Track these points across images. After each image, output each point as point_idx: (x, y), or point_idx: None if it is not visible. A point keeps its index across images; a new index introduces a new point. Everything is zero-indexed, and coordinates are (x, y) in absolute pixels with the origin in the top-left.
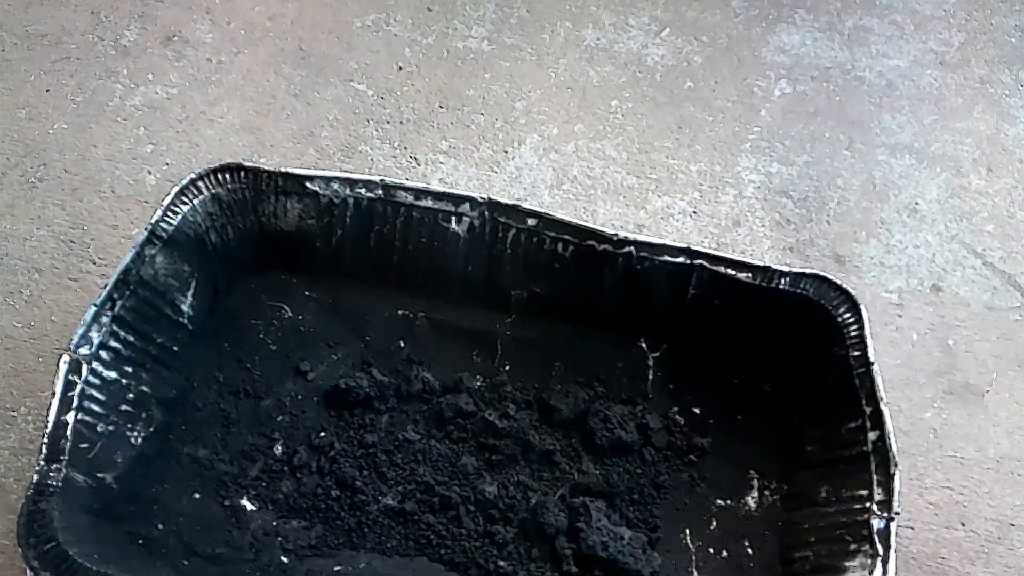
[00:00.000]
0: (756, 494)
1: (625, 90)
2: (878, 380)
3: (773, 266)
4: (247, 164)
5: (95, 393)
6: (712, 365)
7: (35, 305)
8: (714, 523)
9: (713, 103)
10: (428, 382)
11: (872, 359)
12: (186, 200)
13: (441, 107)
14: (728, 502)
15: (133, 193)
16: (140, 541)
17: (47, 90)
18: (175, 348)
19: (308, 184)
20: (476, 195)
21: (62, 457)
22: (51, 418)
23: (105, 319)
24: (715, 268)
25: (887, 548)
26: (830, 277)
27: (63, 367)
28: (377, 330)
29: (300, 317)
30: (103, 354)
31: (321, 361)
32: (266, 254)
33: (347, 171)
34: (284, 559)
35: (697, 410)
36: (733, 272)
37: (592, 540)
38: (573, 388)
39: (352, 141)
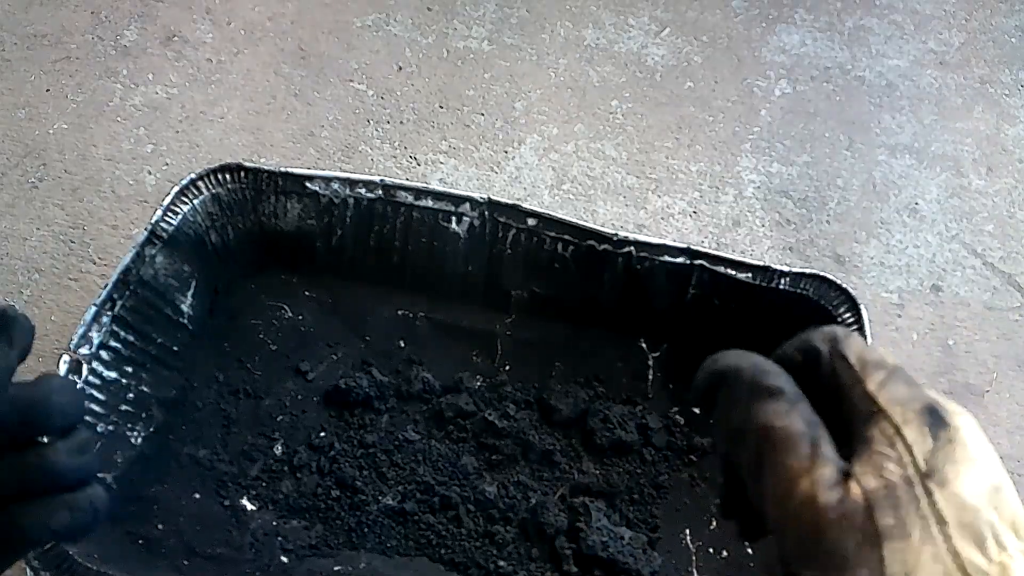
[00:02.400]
0: None
1: (625, 90)
2: None
3: (773, 266)
4: (247, 164)
5: (95, 393)
6: None
7: (35, 305)
8: (714, 523)
9: (713, 103)
10: (428, 382)
11: None
12: (186, 200)
13: (441, 107)
14: None
15: (133, 193)
16: (140, 541)
17: (47, 90)
18: (175, 348)
19: (308, 184)
20: (476, 195)
21: None
22: None
23: (105, 319)
24: (715, 268)
25: None
26: (830, 277)
27: (63, 367)
28: (377, 330)
29: (300, 317)
30: (103, 354)
31: (321, 361)
32: (266, 254)
33: (347, 171)
34: (284, 559)
35: (697, 410)
36: (733, 272)
37: (592, 540)
38: (573, 388)
39: (352, 141)
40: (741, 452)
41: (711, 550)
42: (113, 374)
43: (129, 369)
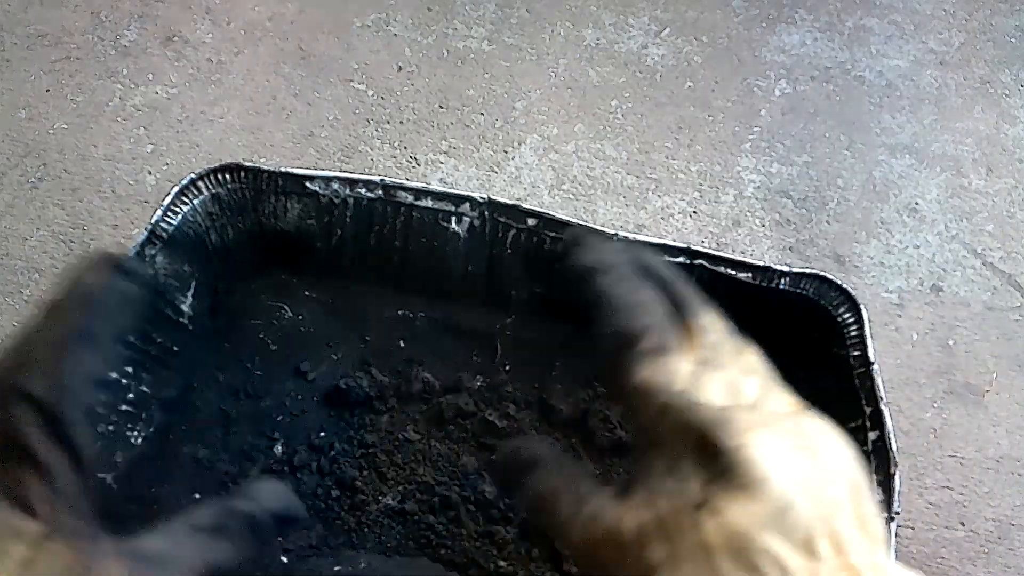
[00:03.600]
0: None
1: (625, 90)
2: (878, 380)
3: (773, 266)
4: (247, 164)
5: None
6: None
7: (35, 305)
8: None
9: (713, 103)
10: (428, 382)
11: (872, 359)
12: (186, 200)
13: (441, 107)
14: None
15: (133, 193)
16: None
17: (47, 90)
18: (175, 348)
19: (308, 184)
20: (476, 195)
21: None
22: None
23: None
24: (715, 268)
25: (887, 548)
26: (830, 277)
27: None
28: (377, 330)
29: (300, 317)
30: None
31: (321, 361)
32: (266, 254)
33: (347, 171)
34: (284, 559)
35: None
36: (733, 272)
37: None
38: (573, 388)
39: (352, 141)
40: (538, 524)
41: None
42: (113, 374)
43: (129, 369)
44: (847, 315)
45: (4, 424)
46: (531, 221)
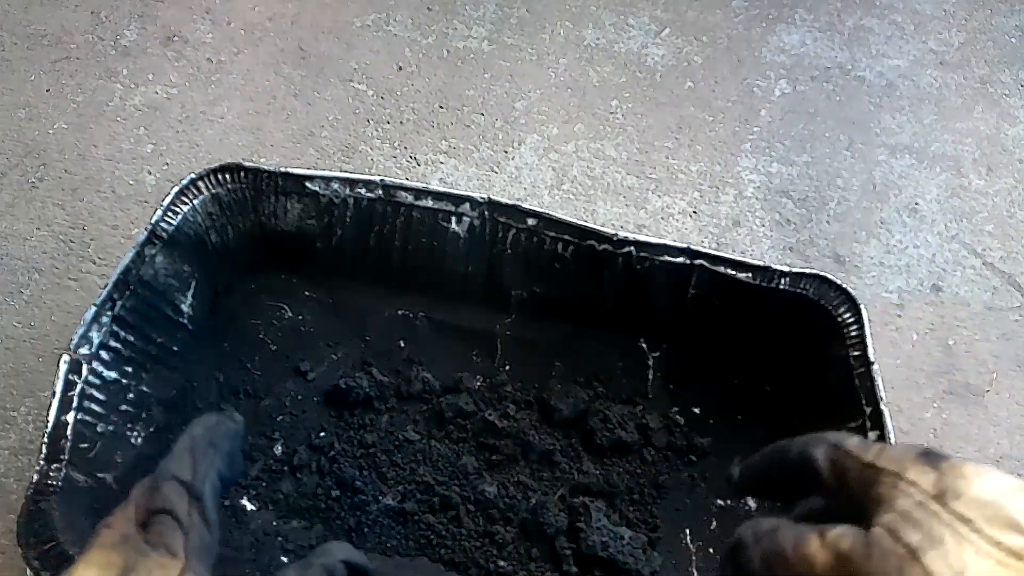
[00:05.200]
0: None
1: (625, 90)
2: (878, 380)
3: (773, 266)
4: (247, 164)
5: (95, 393)
6: (712, 365)
7: (35, 305)
8: (714, 523)
9: (713, 103)
10: (428, 382)
11: (872, 359)
12: (186, 200)
13: (441, 107)
14: (728, 502)
15: (133, 193)
16: None
17: (47, 90)
18: (175, 348)
19: (308, 184)
20: (476, 195)
21: (62, 457)
22: (51, 418)
23: (105, 319)
24: (715, 268)
25: None
26: (830, 277)
27: (63, 367)
28: (377, 330)
29: (300, 317)
30: (103, 354)
31: (321, 361)
32: (266, 254)
33: (347, 171)
34: (284, 559)
35: (697, 410)
36: (733, 272)
37: (592, 540)
38: (573, 388)
39: (352, 141)
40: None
41: (711, 550)
42: (113, 374)
43: (129, 369)
44: (847, 315)
45: (160, 497)
46: (531, 221)
